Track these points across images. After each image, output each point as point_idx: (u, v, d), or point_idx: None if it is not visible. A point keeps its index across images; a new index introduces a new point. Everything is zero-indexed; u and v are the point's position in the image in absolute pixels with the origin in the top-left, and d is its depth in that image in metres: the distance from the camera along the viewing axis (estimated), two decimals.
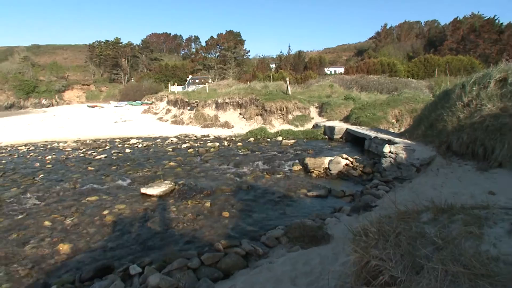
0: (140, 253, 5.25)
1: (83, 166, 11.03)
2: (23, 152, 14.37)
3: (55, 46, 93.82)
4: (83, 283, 4.35)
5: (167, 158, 12.01)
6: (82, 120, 26.81)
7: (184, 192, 8.00)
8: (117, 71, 72.35)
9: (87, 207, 7.22)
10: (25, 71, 70.32)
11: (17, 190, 8.53)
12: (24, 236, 5.85)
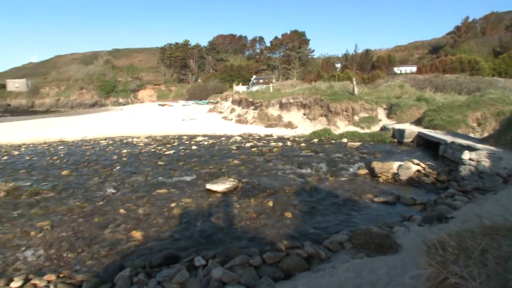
0: (204, 246, 5.52)
1: (154, 161, 11.99)
2: (103, 145, 16.14)
3: (132, 49, 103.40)
4: (153, 269, 4.70)
5: (231, 156, 12.44)
6: (153, 118, 29.06)
7: (247, 190, 8.20)
8: (185, 72, 77.05)
9: (157, 198, 7.82)
10: (107, 72, 78.57)
11: (98, 179, 9.64)
12: (103, 221, 6.56)
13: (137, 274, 4.49)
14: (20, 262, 5.08)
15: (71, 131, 21.23)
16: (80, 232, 6.09)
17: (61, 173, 10.56)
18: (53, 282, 4.37)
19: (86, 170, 10.97)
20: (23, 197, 8.17)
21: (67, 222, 6.54)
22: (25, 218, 6.85)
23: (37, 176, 10.40)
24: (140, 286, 4.21)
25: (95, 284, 4.31)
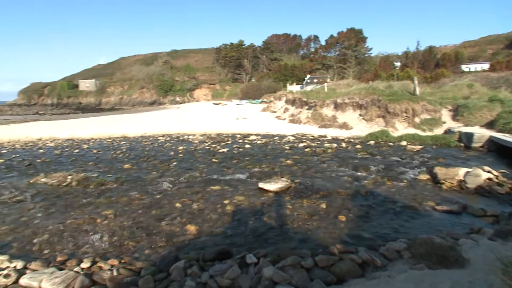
0: (256, 244, 5.59)
1: (208, 158, 12.44)
2: (161, 141, 17.15)
3: (189, 50, 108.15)
4: (206, 262, 4.87)
5: (284, 156, 12.44)
6: (208, 116, 30.11)
7: (300, 190, 8.15)
8: (240, 71, 78.70)
9: (211, 195, 8.10)
10: (165, 72, 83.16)
11: (156, 173, 10.27)
12: (161, 213, 6.96)
13: (191, 266, 4.69)
14: (88, 246, 5.60)
15: (133, 128, 22.83)
16: (139, 222, 6.53)
17: (123, 167, 11.44)
18: (115, 266, 4.74)
19: (146, 164, 11.74)
20: (91, 187, 9.01)
21: (128, 212, 7.05)
22: (92, 206, 7.54)
23: (103, 168, 11.39)
24: (194, 278, 4.38)
25: (152, 272, 4.57)
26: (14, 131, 25.10)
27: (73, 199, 8.05)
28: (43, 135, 21.80)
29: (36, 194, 8.63)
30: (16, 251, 5.51)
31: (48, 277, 4.39)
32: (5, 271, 4.54)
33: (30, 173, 11.13)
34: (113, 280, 4.35)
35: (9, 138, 21.26)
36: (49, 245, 5.71)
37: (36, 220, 6.82)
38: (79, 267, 4.74)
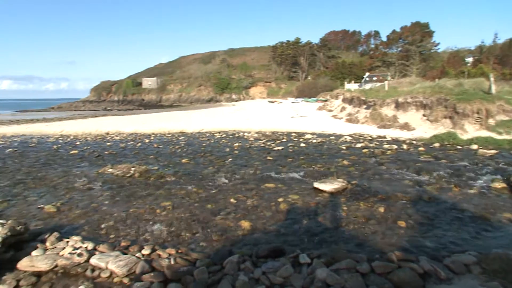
0: (309, 244, 5.52)
1: (263, 155, 12.57)
2: (217, 138, 17.74)
3: (246, 48, 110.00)
4: (259, 259, 4.92)
5: (340, 156, 12.13)
6: (263, 114, 30.41)
7: (357, 192, 7.89)
8: (296, 69, 78.31)
9: (265, 192, 8.17)
10: (222, 71, 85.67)
11: (212, 169, 10.64)
12: (216, 208, 7.18)
13: (244, 261, 4.76)
14: (148, 234, 5.97)
15: (190, 124, 23.89)
16: (195, 215, 6.81)
17: (182, 161, 12.03)
18: (173, 255, 4.99)
19: (202, 160, 12.22)
20: (152, 179, 9.61)
21: (185, 205, 7.39)
22: (152, 197, 8.03)
23: (163, 162, 12.09)
24: (246, 273, 4.45)
25: (206, 264, 4.74)
26: (86, 125, 27.70)
27: (136, 190, 8.65)
28: (110, 129, 23.75)
29: (104, 183, 9.43)
30: (87, 233, 6.06)
31: (113, 260, 4.77)
32: (78, 250, 5.03)
33: (99, 163, 12.22)
34: (171, 268, 4.58)
35: (82, 131, 23.52)
36: (114, 230, 6.20)
37: (104, 207, 7.45)
38: (140, 253, 5.08)
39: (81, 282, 4.39)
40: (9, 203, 7.93)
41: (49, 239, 5.46)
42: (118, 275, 4.54)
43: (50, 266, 4.73)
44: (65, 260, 4.82)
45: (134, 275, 4.55)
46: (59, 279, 4.52)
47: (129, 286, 4.28)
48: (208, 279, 4.40)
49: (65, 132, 23.66)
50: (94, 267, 4.73)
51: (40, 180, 10.02)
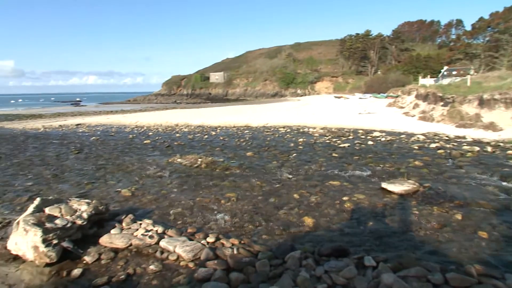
0: (375, 246, 5.27)
1: (328, 152, 12.31)
2: (282, 133, 17.81)
3: (312, 42, 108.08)
4: (321, 257, 4.84)
5: (411, 156, 11.37)
6: (329, 109, 29.73)
7: (430, 196, 7.32)
8: (364, 63, 74.89)
9: (329, 189, 7.99)
10: (288, 65, 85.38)
11: (276, 163, 10.71)
12: (279, 202, 7.22)
13: (306, 258, 4.72)
14: (213, 223, 6.22)
15: (255, 118, 24.30)
16: (258, 208, 6.92)
17: (246, 154, 12.31)
18: (236, 245, 5.14)
19: (266, 154, 12.37)
20: (217, 170, 9.99)
21: (249, 198, 7.55)
22: (217, 187, 8.35)
23: (228, 154, 12.50)
24: (308, 270, 4.40)
25: (268, 257, 4.79)
26: (157, 117, 29.81)
27: (202, 180, 9.07)
28: (179, 121, 25.24)
29: (173, 172, 10.05)
30: (157, 217, 6.52)
31: (180, 245, 5.07)
32: (150, 233, 5.45)
33: (168, 153, 13.07)
34: (233, 257, 4.73)
35: (154, 123, 25.36)
36: (182, 217, 6.57)
37: (172, 194, 7.93)
38: (205, 240, 5.32)
39: (151, 262, 4.76)
40: (92, 185, 8.89)
41: (125, 220, 6.00)
42: (184, 259, 4.81)
43: (126, 245, 5.20)
44: (138, 241, 5.25)
45: (199, 260, 4.79)
46: (132, 257, 4.95)
47: (194, 271, 4.50)
48: (269, 272, 4.45)
49: (139, 123, 25.75)
50: (163, 249, 5.09)
51: (118, 166, 11.03)
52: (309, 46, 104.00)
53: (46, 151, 14.58)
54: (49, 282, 4.42)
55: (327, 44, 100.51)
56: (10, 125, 28.06)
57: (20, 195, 8.19)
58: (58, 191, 8.52)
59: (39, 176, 10.11)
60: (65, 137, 19.22)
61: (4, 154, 13.94)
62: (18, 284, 4.36)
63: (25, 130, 24.10)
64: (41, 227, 4.87)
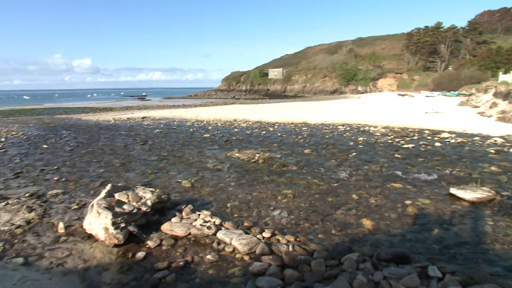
0: (440, 256, 4.92)
1: (390, 152, 11.72)
2: (341, 131, 17.33)
3: (375, 37, 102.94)
4: (380, 261, 4.64)
5: (486, 161, 10.37)
6: (392, 108, 28.24)
7: (509, 206, 6.62)
8: (433, 59, 69.50)
9: (391, 192, 7.61)
10: (349, 61, 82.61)
11: (335, 162, 10.48)
12: (336, 202, 7.06)
13: (364, 261, 4.56)
14: (269, 219, 6.28)
15: (313, 115, 23.95)
16: (315, 206, 6.83)
17: (304, 151, 12.21)
18: (291, 242, 5.14)
19: (324, 151, 12.14)
20: (274, 166, 10.05)
21: (305, 195, 7.49)
22: (274, 183, 8.40)
23: (285, 150, 12.50)
24: (366, 274, 4.26)
25: (324, 257, 4.71)
26: (217, 112, 30.77)
27: (259, 175, 9.19)
28: (238, 117, 25.78)
29: (231, 166, 10.32)
30: (215, 209, 6.75)
31: (237, 237, 5.20)
32: (208, 223, 5.68)
33: (227, 147, 13.45)
34: (289, 254, 4.73)
35: (213, 117, 26.22)
36: (238, 210, 6.73)
37: (230, 188, 8.16)
38: (261, 235, 5.40)
39: (208, 252, 4.96)
40: (155, 175, 9.48)
41: (185, 210, 6.32)
42: (240, 252, 4.94)
43: (185, 233, 5.48)
44: (197, 230, 5.50)
45: (254, 254, 4.88)
46: (191, 245, 5.20)
47: (248, 264, 4.60)
48: (325, 272, 4.38)
49: (199, 118, 26.81)
50: (220, 240, 5.27)
51: (179, 158, 11.62)
52: (372, 41, 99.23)
53: (116, 141, 15.89)
54: (117, 261, 4.83)
55: (391, 39, 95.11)
56: (86, 117, 31.07)
57: (93, 181, 9.05)
58: (125, 178, 9.24)
59: (109, 164, 11.05)
60: (132, 129, 20.74)
61: (81, 143, 15.51)
62: (91, 260, 4.83)
63: (98, 121, 26.48)
64: (111, 211, 5.33)
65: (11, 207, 6.92)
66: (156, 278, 4.33)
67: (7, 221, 6.22)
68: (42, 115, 36.80)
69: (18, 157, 12.41)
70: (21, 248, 5.25)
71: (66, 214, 6.67)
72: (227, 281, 4.27)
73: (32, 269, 4.60)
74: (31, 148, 14.43)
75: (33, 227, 6.04)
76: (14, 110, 46.41)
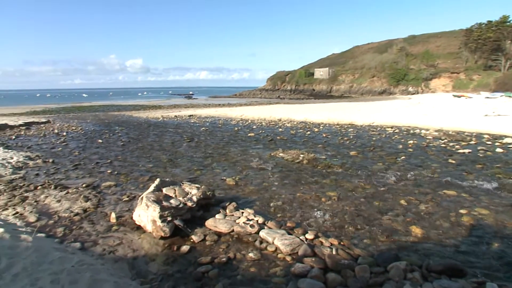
0: (501, 273, 4.52)
1: (443, 157, 11.01)
2: (389, 133, 16.62)
3: (430, 34, 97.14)
4: (430, 272, 4.39)
5: None
6: (446, 110, 26.55)
7: None
8: (497, 57, 64.12)
9: (443, 199, 7.15)
10: (399, 60, 78.91)
11: (382, 165, 10.07)
12: (383, 207, 6.78)
13: (413, 271, 4.35)
14: (312, 220, 6.19)
15: (360, 116, 23.21)
16: (361, 210, 6.61)
17: (349, 153, 11.88)
18: (335, 246, 5.03)
19: (371, 154, 11.72)
20: (319, 168, 9.89)
21: (350, 198, 7.28)
22: (318, 185, 8.27)
23: (330, 152, 12.25)
24: (414, 284, 4.06)
25: (369, 263, 4.55)
26: (261, 111, 30.92)
27: (303, 176, 9.09)
28: (282, 116, 25.72)
29: (275, 165, 10.31)
30: (258, 208, 6.79)
31: (279, 237, 5.20)
32: (251, 222, 5.73)
33: (271, 147, 13.47)
34: (332, 257, 4.63)
35: (258, 117, 26.39)
36: (281, 210, 6.71)
37: (274, 187, 8.15)
38: (303, 236, 5.34)
39: (251, 250, 5.00)
40: (201, 172, 9.75)
41: (228, 207, 6.44)
42: (282, 252, 4.93)
43: (228, 230, 5.58)
44: (240, 228, 5.57)
45: (296, 255, 4.85)
46: (234, 242, 5.29)
47: (290, 265, 4.58)
48: (369, 279, 4.24)
49: (244, 117, 27.12)
50: (262, 239, 5.29)
51: (224, 156, 11.83)
52: (426, 39, 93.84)
53: (164, 138, 16.61)
54: (163, 253, 5.04)
55: (447, 36, 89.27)
56: (137, 114, 32.86)
57: (143, 175, 9.52)
58: (172, 174, 9.60)
59: (157, 159, 11.56)
60: (179, 126, 21.54)
61: (132, 139, 16.41)
62: (140, 250, 5.08)
63: (147, 118, 27.84)
64: (159, 205, 5.57)
65: (70, 196, 7.50)
66: (199, 272, 4.45)
67: (67, 208, 6.75)
68: (97, 111, 39.61)
69: (77, 150, 13.44)
70: (78, 234, 5.68)
71: (117, 205, 7.09)
72: (268, 280, 4.28)
73: (87, 254, 4.95)
74: (88, 142, 15.56)
75: (89, 215, 6.50)
76: (74, 107, 50.70)
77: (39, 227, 5.86)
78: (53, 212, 6.67)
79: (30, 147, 14.49)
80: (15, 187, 8.30)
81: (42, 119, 27.09)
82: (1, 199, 7.37)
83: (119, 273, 4.42)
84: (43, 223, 6.13)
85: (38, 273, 4.02)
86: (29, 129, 21.12)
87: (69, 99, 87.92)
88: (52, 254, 4.62)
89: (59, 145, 14.83)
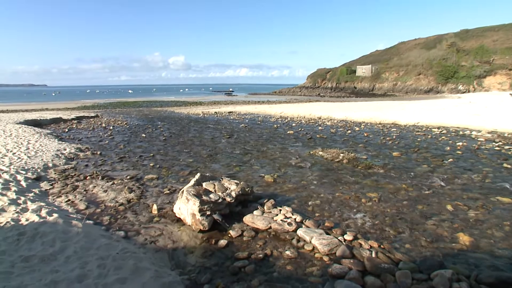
0: None
1: (497, 161, 10.24)
2: (435, 134, 15.77)
3: (485, 28, 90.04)
4: (479, 284, 4.13)
5: None
6: (501, 110, 24.69)
7: None
8: None
9: (496, 206, 6.67)
10: (449, 57, 74.55)
11: (427, 167, 9.58)
12: (427, 211, 6.46)
13: (459, 280, 4.11)
14: (351, 221, 6.04)
15: (404, 116, 22.25)
16: (402, 213, 6.35)
17: (392, 154, 11.43)
18: (374, 248, 4.87)
19: (415, 155, 11.19)
20: (359, 168, 9.62)
21: (392, 200, 7.02)
22: (358, 185, 8.05)
23: (372, 152, 11.87)
24: None
25: (411, 268, 4.37)
26: (301, 109, 30.67)
27: (342, 175, 8.90)
28: (322, 114, 25.33)
29: (314, 164, 10.18)
30: (296, 206, 6.75)
31: (317, 236, 5.13)
32: (288, 220, 5.73)
33: (310, 145, 13.33)
34: (371, 260, 4.50)
35: (297, 114, 26.20)
36: (320, 210, 6.61)
37: (312, 186, 8.06)
38: (342, 237, 5.23)
39: (288, 248, 4.99)
40: (240, 168, 9.86)
41: (266, 204, 6.46)
42: (319, 251, 4.86)
43: (266, 227, 5.61)
44: (277, 225, 5.57)
45: (334, 256, 4.76)
46: (271, 239, 5.30)
47: (328, 265, 4.50)
48: (410, 285, 4.07)
49: (283, 114, 27.05)
50: (299, 238, 5.26)
51: (262, 153, 11.88)
52: (480, 33, 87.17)
53: (204, 133, 17.03)
54: (201, 246, 5.17)
55: (507, 29, 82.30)
56: (178, 110, 33.99)
57: (183, 169, 9.83)
58: (212, 169, 9.81)
59: (197, 154, 11.87)
60: (219, 123, 21.95)
61: (174, 134, 17.03)
62: (179, 242, 5.26)
63: (188, 114, 28.67)
64: (199, 199, 5.72)
65: (116, 187, 7.93)
66: (236, 267, 4.52)
67: (113, 199, 7.15)
68: (141, 107, 41.47)
69: (122, 144, 14.18)
70: (122, 223, 5.99)
71: (159, 197, 7.38)
72: (305, 280, 4.24)
73: (130, 242, 5.21)
74: (132, 136, 16.36)
75: (132, 206, 6.84)
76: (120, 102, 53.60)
77: (88, 215, 6.27)
78: (100, 201, 7.11)
79: (81, 139, 15.56)
80: (67, 176, 8.96)
81: (91, 114, 29.07)
82: (55, 187, 7.99)
83: (159, 263, 4.61)
84: (91, 211, 6.55)
85: (87, 257, 4.31)
86: (80, 123, 22.74)
87: (116, 95, 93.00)
88: (99, 240, 4.93)
89: (106, 138, 15.76)
